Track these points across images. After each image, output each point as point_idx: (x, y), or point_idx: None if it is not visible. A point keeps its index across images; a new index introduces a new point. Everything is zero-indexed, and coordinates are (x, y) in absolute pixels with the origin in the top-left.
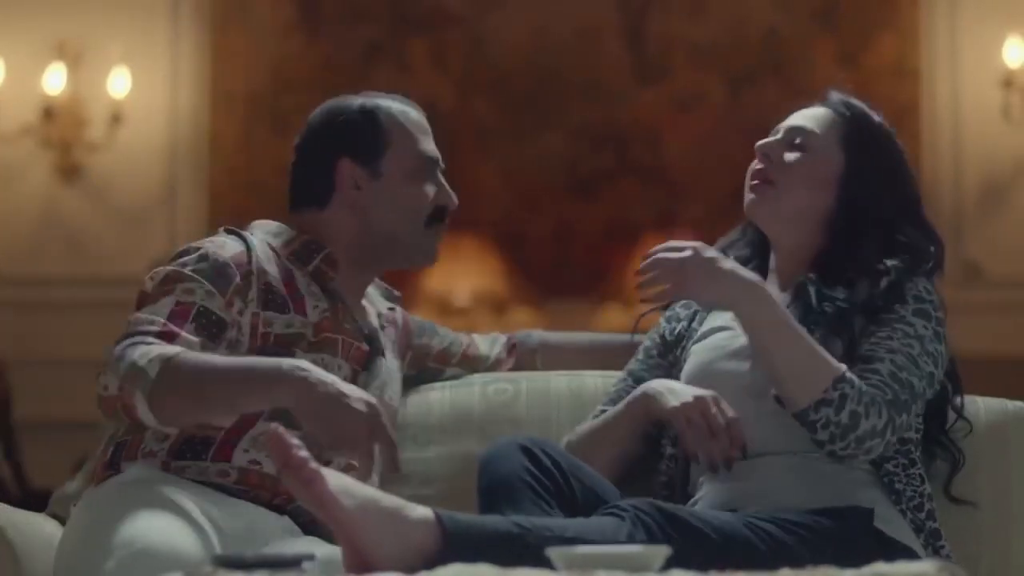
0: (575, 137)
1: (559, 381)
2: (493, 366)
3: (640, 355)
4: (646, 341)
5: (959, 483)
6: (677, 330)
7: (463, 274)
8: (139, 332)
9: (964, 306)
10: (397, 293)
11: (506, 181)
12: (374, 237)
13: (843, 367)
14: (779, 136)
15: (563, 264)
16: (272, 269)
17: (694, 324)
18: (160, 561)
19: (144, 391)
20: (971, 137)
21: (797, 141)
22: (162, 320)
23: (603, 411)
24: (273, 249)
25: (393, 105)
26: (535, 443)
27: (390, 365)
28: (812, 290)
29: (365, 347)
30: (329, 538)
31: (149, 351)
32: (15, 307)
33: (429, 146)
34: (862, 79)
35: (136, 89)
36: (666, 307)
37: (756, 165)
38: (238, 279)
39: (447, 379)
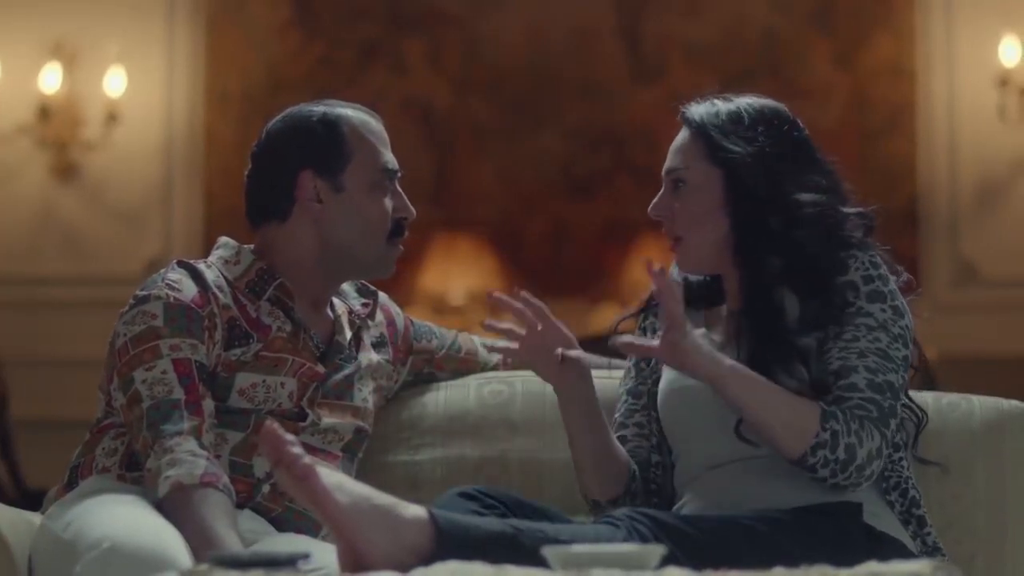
0: (571, 137)
1: None
2: (489, 371)
3: (632, 372)
4: (631, 359)
5: (955, 479)
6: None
7: (459, 273)
8: (172, 418)
9: (960, 306)
10: (372, 288)
11: (502, 181)
12: (334, 251)
13: (821, 406)
14: (662, 189)
15: (559, 264)
16: (231, 302)
17: None
18: (129, 560)
19: (153, 498)
20: (967, 137)
21: (677, 183)
22: (181, 391)
23: (618, 438)
24: (228, 282)
25: (354, 115)
26: (472, 489)
27: (368, 361)
28: (746, 327)
29: (320, 369)
30: (305, 532)
31: (175, 460)
32: (11, 306)
33: (389, 157)
34: (858, 79)
35: (132, 88)
36: (642, 316)
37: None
38: (205, 321)
39: (442, 380)
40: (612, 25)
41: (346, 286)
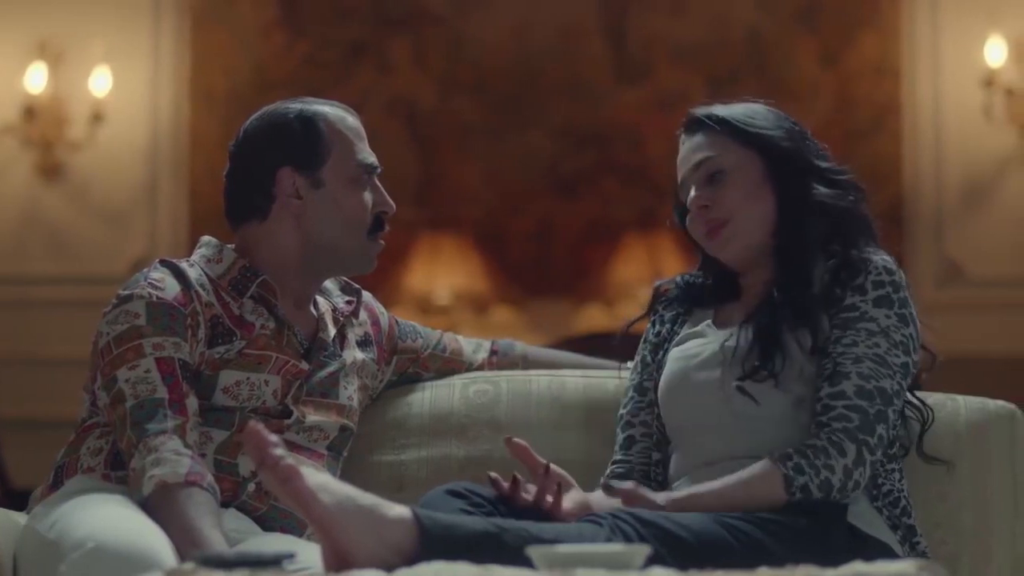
0: (557, 136)
1: (540, 382)
2: (474, 371)
3: (639, 367)
4: (640, 354)
5: (940, 479)
6: (661, 332)
7: (444, 273)
8: (156, 417)
9: (945, 305)
10: (356, 286)
11: (488, 180)
12: (316, 247)
13: (781, 471)
14: (696, 185)
15: (544, 263)
16: (214, 300)
17: (676, 327)
18: (113, 559)
19: (138, 497)
20: (952, 137)
21: (711, 174)
22: (165, 390)
23: (627, 438)
24: (211, 280)
25: (331, 112)
26: (460, 486)
27: (352, 359)
28: (776, 295)
29: (304, 366)
30: (291, 531)
31: (159, 459)
32: None
33: (367, 152)
34: (843, 79)
35: (117, 88)
36: (651, 312)
37: (698, 217)
38: (188, 319)
39: (427, 379)
40: (597, 25)
41: (329, 284)
